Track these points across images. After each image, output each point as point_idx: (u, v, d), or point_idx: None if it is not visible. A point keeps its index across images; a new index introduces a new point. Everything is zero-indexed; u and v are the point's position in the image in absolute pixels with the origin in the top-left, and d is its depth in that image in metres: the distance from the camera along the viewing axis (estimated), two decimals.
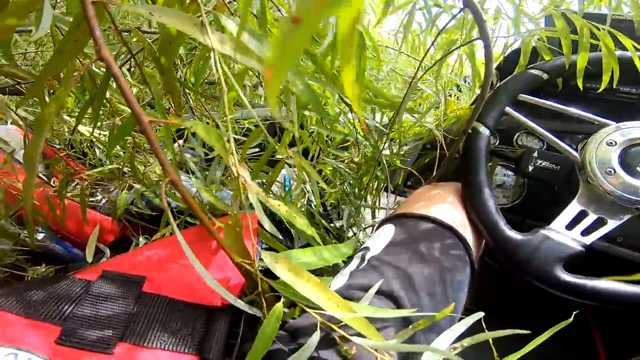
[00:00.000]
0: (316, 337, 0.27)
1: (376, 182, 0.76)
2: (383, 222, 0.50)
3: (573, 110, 0.52)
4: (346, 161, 0.75)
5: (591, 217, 0.46)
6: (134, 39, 0.39)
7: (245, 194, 0.24)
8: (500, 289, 0.87)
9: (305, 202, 0.78)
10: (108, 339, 0.26)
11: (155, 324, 0.29)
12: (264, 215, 0.26)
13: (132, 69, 0.83)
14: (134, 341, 0.26)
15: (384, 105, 0.54)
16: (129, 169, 0.50)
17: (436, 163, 0.63)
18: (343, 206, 0.80)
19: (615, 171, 0.46)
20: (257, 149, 1.00)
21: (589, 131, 0.51)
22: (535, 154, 0.56)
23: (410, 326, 0.32)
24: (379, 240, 0.45)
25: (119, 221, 0.63)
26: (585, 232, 0.46)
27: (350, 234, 0.82)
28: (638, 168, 0.45)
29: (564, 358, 0.79)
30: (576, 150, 0.50)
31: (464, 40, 0.55)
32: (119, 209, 0.50)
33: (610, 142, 0.47)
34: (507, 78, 0.56)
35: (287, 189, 0.95)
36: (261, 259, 0.27)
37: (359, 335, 0.28)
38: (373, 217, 0.81)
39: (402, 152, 0.77)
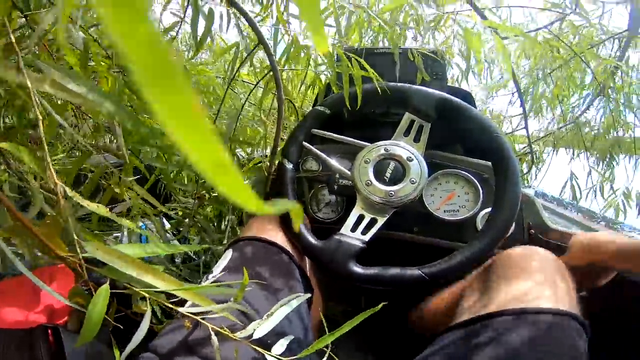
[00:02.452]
0: (148, 313, 0.32)
1: (226, 214, 0.83)
2: (226, 249, 0.59)
3: (339, 137, 0.66)
4: (191, 196, 0.79)
5: (367, 219, 0.60)
6: None
7: (61, 196, 0.29)
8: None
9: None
10: None
11: None
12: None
13: None
14: None
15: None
16: None
17: (263, 191, 0.74)
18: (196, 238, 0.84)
19: (371, 182, 0.60)
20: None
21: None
22: (337, 175, 0.69)
23: (231, 298, 0.40)
24: (220, 264, 0.54)
25: None
26: (365, 231, 0.59)
27: None
28: (385, 177, 0.60)
29: None
30: None
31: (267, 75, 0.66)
32: None
33: (366, 160, 0.62)
34: (303, 117, 0.69)
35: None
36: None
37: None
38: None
39: (249, 183, 0.86)
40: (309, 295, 0.46)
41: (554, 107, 1.40)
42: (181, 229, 0.82)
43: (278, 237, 0.61)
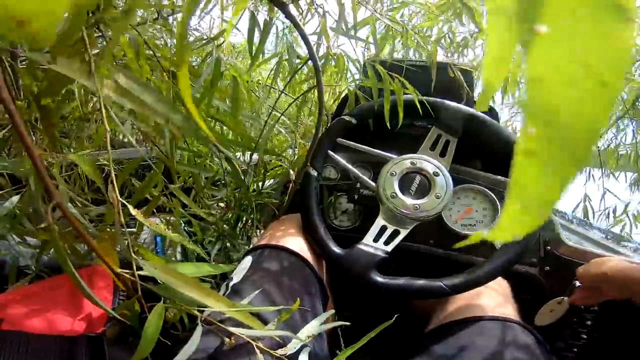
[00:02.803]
0: (199, 330, 0.32)
1: (248, 220, 0.82)
2: (244, 255, 0.59)
3: (366, 148, 0.66)
4: (219, 201, 0.79)
5: (389, 230, 0.60)
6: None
7: (119, 213, 0.28)
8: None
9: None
10: None
11: (22, 356, 0.30)
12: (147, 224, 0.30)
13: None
14: None
15: (245, 145, 0.62)
16: None
17: (287, 199, 0.73)
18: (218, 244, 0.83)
19: (396, 195, 0.60)
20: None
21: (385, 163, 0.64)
22: (358, 185, 0.69)
23: (276, 319, 0.39)
24: (239, 270, 0.54)
25: None
26: (387, 241, 0.59)
27: None
28: (411, 190, 0.61)
29: None
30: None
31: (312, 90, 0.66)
32: None
33: (392, 173, 0.61)
34: (328, 126, 0.68)
35: (159, 252, 0.92)
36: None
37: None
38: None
39: (267, 190, 0.86)
40: (342, 324, 0.45)
41: None
42: (201, 231, 0.81)
43: (296, 244, 0.61)
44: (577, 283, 0.62)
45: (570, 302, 0.62)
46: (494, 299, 0.59)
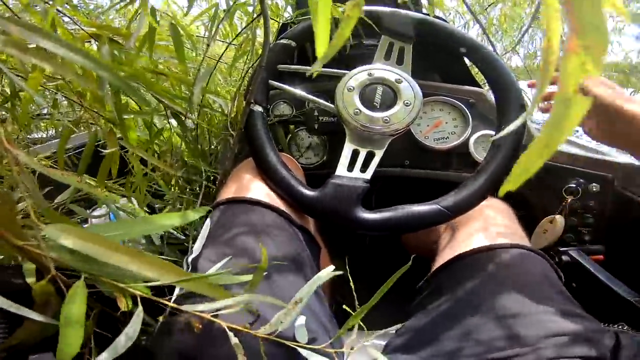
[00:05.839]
0: (139, 314, 0.25)
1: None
2: (205, 218, 0.49)
3: (311, 68, 0.56)
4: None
5: (363, 153, 0.53)
6: None
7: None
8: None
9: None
10: None
11: None
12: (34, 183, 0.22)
13: None
14: None
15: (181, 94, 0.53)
16: None
17: (232, 146, 0.61)
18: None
19: (361, 111, 0.52)
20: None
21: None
22: (316, 112, 0.62)
23: (250, 281, 0.33)
24: (199, 240, 0.44)
25: None
26: (363, 168, 0.52)
27: None
28: (375, 103, 0.53)
29: None
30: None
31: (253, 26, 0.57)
32: None
33: (349, 88, 0.53)
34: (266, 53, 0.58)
35: None
36: None
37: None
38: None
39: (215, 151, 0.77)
40: (335, 272, 0.37)
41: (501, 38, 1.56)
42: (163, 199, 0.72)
43: (261, 191, 0.51)
44: (569, 199, 0.62)
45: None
46: (500, 223, 0.54)
